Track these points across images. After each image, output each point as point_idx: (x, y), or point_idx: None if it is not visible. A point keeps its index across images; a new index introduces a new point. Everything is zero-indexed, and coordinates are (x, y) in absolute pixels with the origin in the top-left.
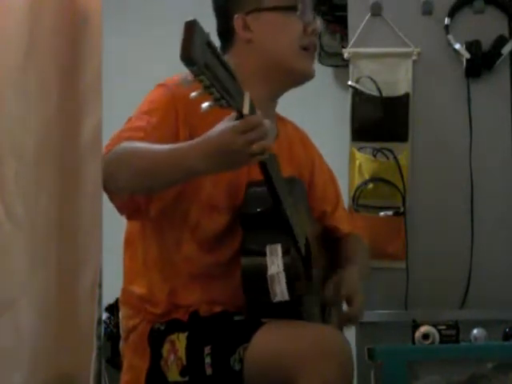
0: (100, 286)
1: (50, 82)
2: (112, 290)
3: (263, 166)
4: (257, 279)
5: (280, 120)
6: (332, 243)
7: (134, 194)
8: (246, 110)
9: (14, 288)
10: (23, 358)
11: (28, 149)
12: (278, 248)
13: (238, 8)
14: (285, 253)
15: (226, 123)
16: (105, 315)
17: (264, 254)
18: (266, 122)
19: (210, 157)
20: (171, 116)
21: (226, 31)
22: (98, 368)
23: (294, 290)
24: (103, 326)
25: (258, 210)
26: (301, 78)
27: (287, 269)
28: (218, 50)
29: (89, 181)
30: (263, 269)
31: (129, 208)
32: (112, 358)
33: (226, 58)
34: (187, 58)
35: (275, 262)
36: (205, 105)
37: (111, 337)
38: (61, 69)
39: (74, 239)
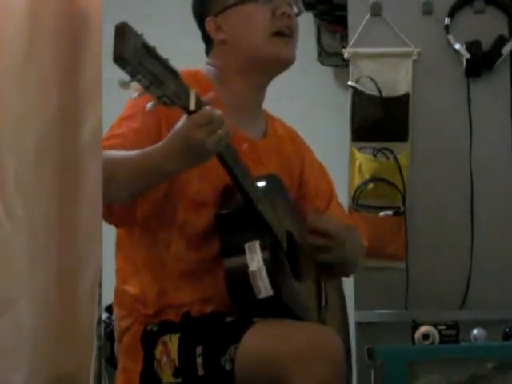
0: (100, 285)
1: (50, 82)
2: (112, 290)
3: (221, 158)
4: (240, 279)
5: (269, 117)
6: None
7: (115, 202)
8: (192, 106)
9: (14, 288)
10: (23, 357)
11: (28, 149)
12: (256, 244)
13: (209, 11)
14: (263, 248)
15: (182, 121)
16: (105, 315)
17: (243, 253)
18: (219, 112)
19: (175, 155)
20: (153, 119)
21: (204, 36)
22: (97, 368)
23: (278, 284)
24: (103, 325)
25: (231, 209)
26: (278, 64)
27: (267, 264)
28: (155, 50)
29: (89, 181)
30: (244, 267)
31: (115, 217)
32: (112, 358)
33: (208, 60)
34: (119, 59)
35: (255, 259)
36: (148, 104)
37: (111, 337)
38: (61, 69)
39: (73, 239)
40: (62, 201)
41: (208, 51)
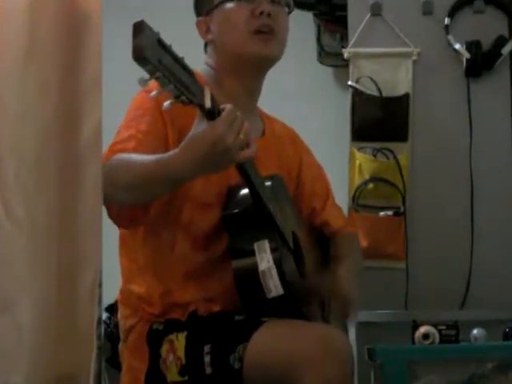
0: (100, 285)
1: (50, 82)
2: (112, 290)
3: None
4: (250, 279)
5: (266, 117)
6: (324, 240)
7: (129, 206)
8: (207, 104)
9: (14, 288)
10: (23, 357)
11: (28, 149)
12: (266, 243)
13: (201, 12)
14: (273, 247)
15: (202, 126)
16: (105, 315)
17: (253, 253)
18: (239, 113)
19: (197, 162)
20: (158, 120)
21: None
22: (97, 368)
23: (288, 283)
24: (103, 325)
25: (239, 209)
26: (260, 62)
27: (277, 262)
28: (171, 47)
29: (89, 181)
30: (254, 267)
31: (125, 219)
32: (112, 358)
33: (205, 60)
34: (139, 57)
35: (265, 258)
36: (166, 103)
37: (111, 337)
38: (61, 69)
39: (74, 239)
40: (62, 201)
41: (205, 50)
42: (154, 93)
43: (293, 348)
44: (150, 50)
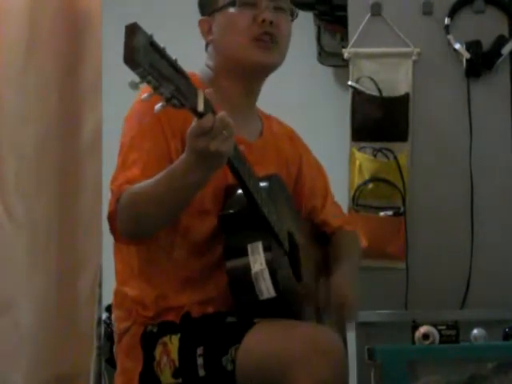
0: (100, 285)
1: (50, 82)
2: (112, 290)
3: (228, 160)
4: (242, 280)
5: (264, 117)
6: (324, 239)
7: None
8: (200, 107)
9: (14, 288)
10: (23, 357)
11: (28, 149)
12: (259, 245)
13: (204, 12)
14: (266, 249)
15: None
16: (105, 315)
17: (246, 254)
18: (220, 120)
19: (194, 165)
20: (158, 131)
21: None
22: (98, 368)
23: (280, 286)
24: (103, 325)
25: (234, 210)
26: (259, 70)
27: (270, 265)
28: (165, 50)
29: (89, 181)
30: (247, 268)
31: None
32: (112, 358)
33: (205, 61)
34: (129, 60)
35: (258, 260)
36: (157, 106)
37: (111, 337)
38: (61, 69)
39: (73, 239)
40: (61, 201)
41: (206, 50)
42: (144, 96)
43: (284, 349)
44: (141, 53)
